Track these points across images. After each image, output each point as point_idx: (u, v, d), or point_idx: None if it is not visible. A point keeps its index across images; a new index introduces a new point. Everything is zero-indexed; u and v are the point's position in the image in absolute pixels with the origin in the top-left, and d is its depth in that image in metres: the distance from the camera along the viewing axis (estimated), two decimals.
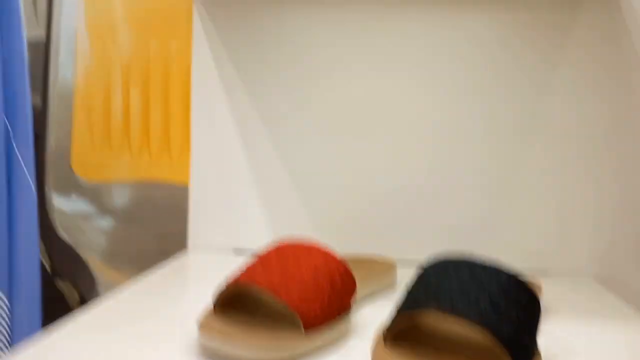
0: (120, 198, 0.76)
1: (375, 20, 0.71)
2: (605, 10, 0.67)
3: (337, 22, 0.71)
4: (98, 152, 0.76)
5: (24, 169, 0.74)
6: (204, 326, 0.37)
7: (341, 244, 0.62)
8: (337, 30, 0.71)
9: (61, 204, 0.77)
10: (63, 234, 0.77)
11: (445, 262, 0.38)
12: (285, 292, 0.37)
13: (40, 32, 0.77)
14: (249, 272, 0.40)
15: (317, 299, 0.38)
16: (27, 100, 0.75)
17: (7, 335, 0.74)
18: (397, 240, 0.71)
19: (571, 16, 0.67)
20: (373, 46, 0.71)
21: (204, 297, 0.47)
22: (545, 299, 0.53)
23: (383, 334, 0.37)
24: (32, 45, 0.76)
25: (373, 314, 0.48)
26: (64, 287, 0.78)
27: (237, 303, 0.41)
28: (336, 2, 0.71)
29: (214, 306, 0.40)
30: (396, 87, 0.71)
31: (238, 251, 0.71)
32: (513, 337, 0.33)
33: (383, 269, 0.58)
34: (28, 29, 0.76)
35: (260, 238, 0.72)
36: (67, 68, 0.76)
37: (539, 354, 0.35)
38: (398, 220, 0.71)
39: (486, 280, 0.35)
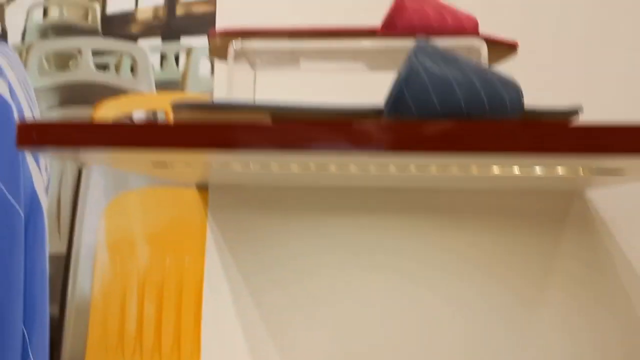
0: None
1: (375, 233, 0.80)
2: (586, 239, 0.76)
3: (339, 238, 0.80)
4: (111, 358, 0.80)
5: None
6: None
7: None
8: (340, 245, 0.80)
9: None
10: None
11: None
12: None
13: (62, 247, 0.83)
14: None
15: None
16: (45, 311, 0.80)
17: None
18: None
19: (555, 244, 0.77)
20: (373, 256, 0.79)
21: None
22: None
23: None
24: (53, 258, 0.83)
25: None
26: None
27: None
28: (336, 222, 0.81)
29: None
30: (392, 294, 0.79)
31: None
32: None
33: None
34: (51, 244, 0.82)
35: None
36: (85, 280, 0.82)
37: None
38: None
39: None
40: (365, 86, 0.60)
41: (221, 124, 0.39)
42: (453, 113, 0.37)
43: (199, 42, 0.84)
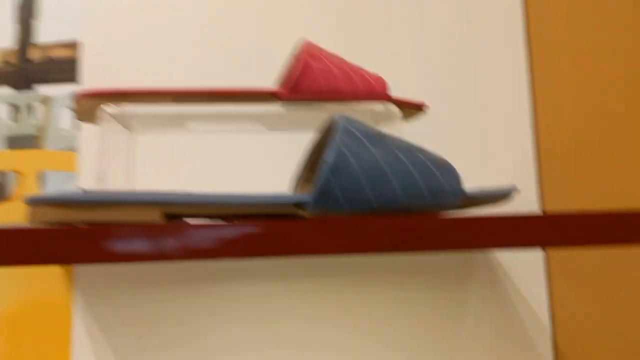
0: None
1: (261, 294, 0.72)
2: (492, 289, 0.76)
3: (217, 305, 0.71)
4: None
5: None
6: None
7: None
8: (217, 313, 0.71)
9: None
10: None
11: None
12: None
13: None
14: None
15: None
16: None
17: None
18: None
19: (463, 294, 0.75)
20: (258, 322, 0.72)
21: None
22: None
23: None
24: None
25: None
26: None
27: None
28: (212, 290, 0.72)
29: None
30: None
31: None
32: None
33: None
34: None
35: None
36: None
37: None
38: None
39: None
40: (267, 146, 0.54)
41: (96, 229, 0.29)
42: (389, 205, 0.31)
43: (59, 91, 0.72)
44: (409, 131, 0.54)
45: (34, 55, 0.72)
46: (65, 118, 0.72)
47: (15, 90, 0.72)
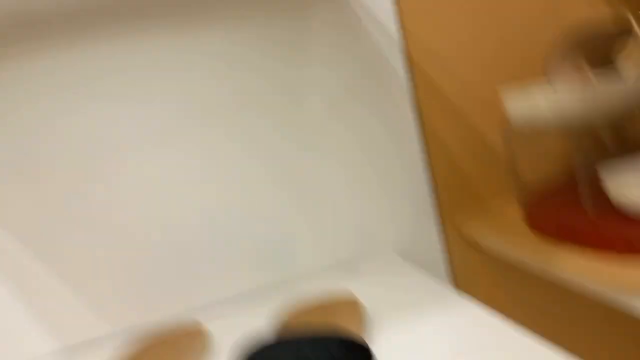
0: None
1: (101, 54, 0.62)
2: (335, 7, 0.68)
3: (54, 65, 0.61)
4: None
5: None
6: None
7: (147, 310, 0.59)
8: (56, 73, 0.61)
9: None
10: None
11: (269, 347, 0.34)
12: None
13: None
14: None
15: None
16: None
17: None
18: (205, 280, 0.66)
19: (305, 18, 0.67)
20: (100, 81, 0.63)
21: None
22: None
23: None
24: None
25: None
26: None
27: None
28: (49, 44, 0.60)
29: None
30: (139, 119, 0.64)
31: None
32: None
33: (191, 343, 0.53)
34: None
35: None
36: None
37: None
38: (198, 262, 0.66)
39: (316, 357, 0.32)
40: None
41: None
42: None
43: None
44: None
45: None
46: None
47: None
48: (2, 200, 0.61)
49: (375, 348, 0.43)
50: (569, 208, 0.63)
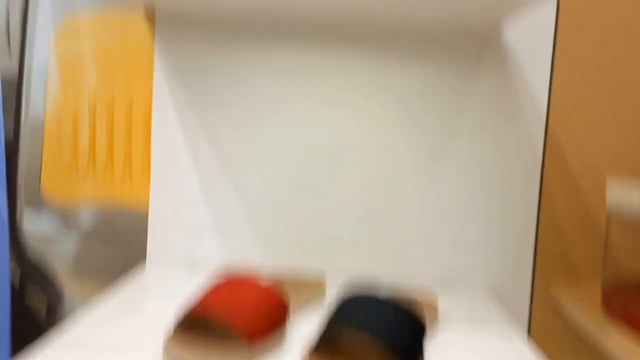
0: (86, 218, 0.85)
1: (319, 63, 0.82)
2: (499, 71, 0.82)
3: (283, 64, 0.82)
4: (66, 177, 0.84)
5: None
6: (168, 348, 0.47)
7: (283, 257, 0.78)
8: (283, 71, 0.83)
9: (31, 223, 0.85)
10: (32, 251, 0.85)
11: (356, 295, 0.50)
12: (234, 318, 0.48)
13: (14, 66, 0.84)
14: (204, 301, 0.50)
15: (259, 324, 0.49)
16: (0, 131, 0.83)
17: None
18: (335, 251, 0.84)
19: (473, 72, 0.82)
20: (316, 87, 0.83)
21: (165, 313, 0.58)
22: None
23: (310, 349, 0.48)
24: (5, 81, 0.84)
25: (304, 329, 0.60)
26: (32, 300, 0.86)
27: (194, 325, 0.52)
28: (281, 48, 0.82)
29: (176, 329, 0.50)
30: (334, 124, 0.83)
31: (191, 264, 0.82)
32: (403, 354, 0.45)
33: (314, 286, 0.69)
34: (1, 60, 0.83)
35: (210, 251, 0.83)
36: (38, 100, 0.84)
37: None
38: (333, 235, 0.84)
39: (385, 312, 0.47)
40: None
41: None
42: None
43: None
44: None
45: None
46: None
47: None
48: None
49: (428, 345, 0.57)
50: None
